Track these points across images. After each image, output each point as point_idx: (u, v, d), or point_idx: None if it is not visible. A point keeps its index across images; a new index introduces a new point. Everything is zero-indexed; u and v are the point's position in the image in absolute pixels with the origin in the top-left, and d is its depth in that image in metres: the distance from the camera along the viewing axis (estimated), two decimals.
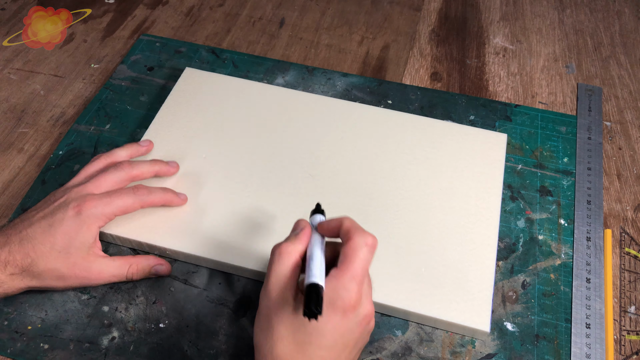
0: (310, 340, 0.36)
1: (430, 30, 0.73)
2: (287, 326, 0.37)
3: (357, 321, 0.37)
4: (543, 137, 0.60)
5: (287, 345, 0.36)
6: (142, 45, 0.69)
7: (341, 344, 0.37)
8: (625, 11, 0.76)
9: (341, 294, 0.36)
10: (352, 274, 0.36)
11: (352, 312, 0.36)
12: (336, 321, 0.36)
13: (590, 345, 0.46)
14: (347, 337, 0.37)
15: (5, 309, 0.47)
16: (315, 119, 0.58)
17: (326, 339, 0.36)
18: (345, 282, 0.36)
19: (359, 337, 0.38)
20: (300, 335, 0.36)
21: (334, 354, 0.37)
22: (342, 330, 0.37)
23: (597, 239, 0.52)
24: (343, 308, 0.36)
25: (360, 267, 0.37)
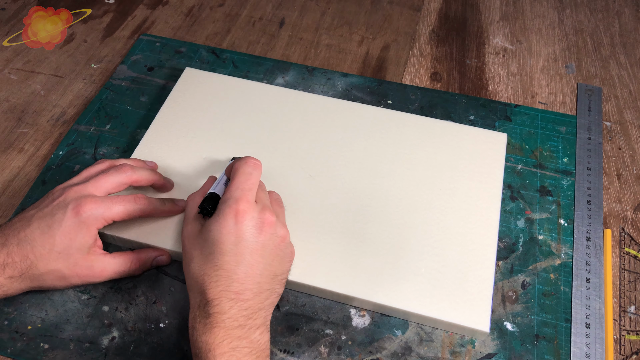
0: (213, 250, 0.40)
1: (430, 30, 0.73)
2: (195, 246, 0.42)
3: (253, 225, 0.41)
4: (543, 137, 0.60)
5: (197, 262, 0.41)
6: (142, 45, 0.69)
7: (244, 247, 0.40)
8: (625, 11, 0.76)
9: (228, 202, 0.42)
10: (236, 185, 0.43)
11: (244, 216, 0.41)
12: (230, 226, 0.41)
13: (590, 345, 0.46)
14: (247, 240, 0.41)
15: (5, 309, 0.47)
16: (315, 119, 0.58)
17: (224, 244, 0.40)
18: (232, 192, 0.42)
19: (264, 241, 0.41)
20: (205, 249, 0.41)
21: (239, 258, 0.40)
22: (239, 234, 0.41)
23: (597, 239, 0.52)
24: (233, 213, 0.41)
25: (242, 179, 0.43)
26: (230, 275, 0.40)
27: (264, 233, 0.42)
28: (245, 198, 0.42)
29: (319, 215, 0.51)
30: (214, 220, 0.41)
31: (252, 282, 0.40)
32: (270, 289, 0.42)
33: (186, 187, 0.53)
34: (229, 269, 0.40)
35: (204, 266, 0.40)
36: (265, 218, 0.42)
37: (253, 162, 0.45)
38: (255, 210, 0.42)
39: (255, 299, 0.40)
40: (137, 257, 0.48)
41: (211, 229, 0.41)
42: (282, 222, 0.45)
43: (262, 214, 0.42)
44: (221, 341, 0.38)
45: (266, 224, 0.42)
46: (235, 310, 0.39)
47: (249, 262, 0.40)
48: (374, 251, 0.49)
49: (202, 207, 0.44)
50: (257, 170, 0.45)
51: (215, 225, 0.41)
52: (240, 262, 0.40)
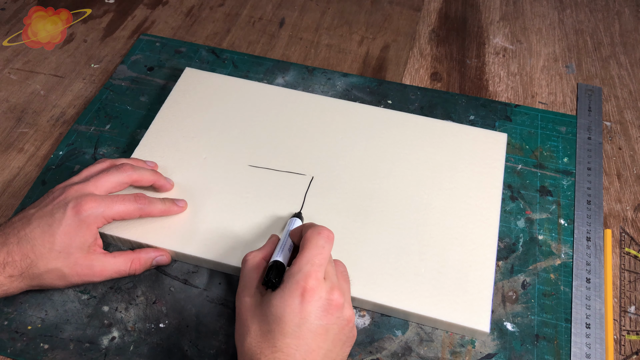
0: (273, 328, 0.37)
1: (430, 30, 0.73)
2: (255, 319, 0.38)
3: (320, 306, 0.37)
4: (543, 137, 0.60)
5: (254, 338, 0.38)
6: (142, 45, 0.69)
7: (307, 330, 0.37)
8: (625, 11, 0.76)
9: (296, 278, 0.38)
10: (307, 259, 0.39)
11: (312, 295, 0.37)
12: (295, 305, 0.37)
13: (590, 345, 0.46)
14: (312, 324, 0.37)
15: (5, 309, 0.47)
16: (315, 119, 0.58)
17: (287, 325, 0.37)
18: (301, 266, 0.38)
19: (328, 325, 0.38)
20: (264, 325, 0.37)
21: (301, 341, 0.37)
22: (304, 315, 0.37)
23: (597, 239, 0.52)
24: (300, 291, 0.37)
25: (314, 254, 0.39)
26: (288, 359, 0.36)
27: (329, 315, 0.38)
28: (315, 275, 0.38)
29: (318, 215, 0.51)
30: (279, 295, 0.38)
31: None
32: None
33: (186, 187, 0.53)
34: (288, 352, 0.36)
35: (262, 344, 0.37)
36: (333, 299, 0.38)
37: (327, 234, 0.41)
38: (323, 290, 0.38)
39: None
40: (137, 257, 0.48)
41: (274, 304, 0.37)
42: (348, 302, 0.40)
43: (331, 294, 0.38)
44: None
45: (333, 305, 0.38)
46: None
47: (311, 347, 0.37)
48: (374, 251, 0.49)
49: (266, 279, 0.40)
50: (329, 243, 0.40)
51: (279, 301, 0.37)
52: (301, 347, 0.37)
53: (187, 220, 0.51)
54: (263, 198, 0.52)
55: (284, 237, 0.45)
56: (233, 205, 0.52)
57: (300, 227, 0.43)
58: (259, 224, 0.50)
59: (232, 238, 0.49)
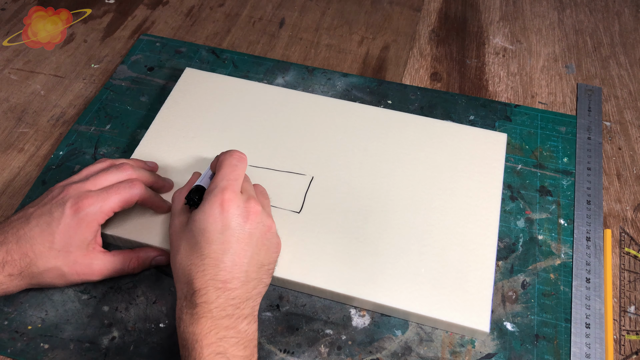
0: (199, 239, 0.40)
1: (430, 30, 0.73)
2: (182, 238, 0.42)
3: (239, 213, 0.41)
4: (543, 137, 0.60)
5: (183, 253, 0.41)
6: (142, 46, 0.69)
7: (230, 235, 0.40)
8: (625, 11, 0.76)
9: (214, 192, 0.42)
10: (222, 176, 0.43)
11: (230, 204, 0.41)
12: (215, 215, 0.41)
13: (590, 345, 0.46)
14: (234, 229, 0.41)
15: (5, 308, 0.47)
16: (315, 119, 0.58)
17: (211, 233, 0.40)
18: (217, 183, 0.43)
19: (250, 230, 0.41)
20: (191, 240, 0.41)
21: (225, 246, 0.40)
22: (225, 222, 0.41)
23: (597, 239, 0.52)
24: (218, 202, 0.41)
25: (227, 171, 0.43)
26: (217, 264, 0.39)
27: (250, 222, 0.42)
28: (231, 188, 0.42)
29: (318, 215, 0.51)
30: (200, 210, 0.42)
31: (239, 271, 0.40)
32: (258, 278, 0.42)
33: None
34: (216, 257, 0.40)
35: (191, 256, 0.40)
36: (251, 207, 0.42)
37: (238, 155, 0.45)
38: (240, 200, 0.42)
39: (242, 288, 0.40)
40: (136, 256, 0.48)
41: (197, 218, 0.41)
42: (267, 213, 0.44)
43: (248, 204, 0.42)
44: (208, 331, 0.37)
45: (252, 212, 0.42)
46: (222, 300, 0.39)
47: (236, 250, 0.40)
48: (374, 251, 0.49)
49: (188, 198, 0.45)
50: (242, 162, 0.45)
51: (201, 215, 0.41)
52: (227, 251, 0.40)
53: None
54: None
55: (207, 171, 0.48)
56: None
57: (216, 157, 0.47)
58: None
59: None
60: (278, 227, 0.50)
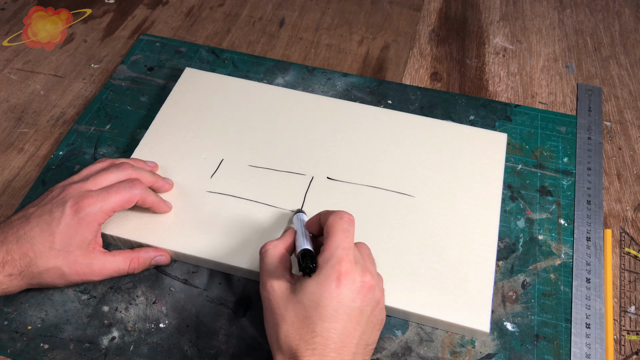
0: (311, 314, 0.37)
1: (430, 30, 0.73)
2: (288, 307, 0.38)
3: (354, 289, 0.38)
4: (543, 137, 0.60)
5: (290, 326, 0.37)
6: (142, 45, 0.69)
7: (343, 313, 0.37)
8: (625, 11, 0.76)
9: (331, 263, 0.38)
10: (337, 244, 0.39)
11: (346, 279, 0.37)
12: (331, 290, 0.37)
13: (590, 345, 0.46)
14: (348, 307, 0.37)
15: (5, 309, 0.47)
16: (315, 119, 0.58)
17: (325, 309, 0.37)
18: (332, 251, 0.38)
19: (362, 306, 0.38)
20: (300, 312, 0.37)
21: (338, 325, 0.37)
22: (340, 298, 0.37)
23: (597, 239, 0.52)
24: (335, 275, 0.37)
25: (341, 238, 0.39)
26: (327, 343, 0.36)
27: (362, 297, 0.38)
28: (348, 258, 0.38)
29: None
30: (315, 281, 0.38)
31: (347, 353, 0.37)
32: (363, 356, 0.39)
33: (186, 187, 0.53)
34: (327, 336, 0.37)
35: (300, 330, 0.37)
36: (366, 281, 0.38)
37: (348, 217, 0.41)
38: (356, 273, 0.38)
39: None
40: (136, 256, 0.48)
41: (311, 290, 0.38)
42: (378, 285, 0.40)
43: (364, 277, 0.38)
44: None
45: (366, 287, 0.38)
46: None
47: (347, 330, 0.37)
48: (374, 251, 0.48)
49: (304, 265, 0.39)
50: (352, 226, 0.41)
51: (315, 287, 0.37)
52: (339, 330, 0.37)
53: (187, 220, 0.51)
54: (263, 198, 0.52)
55: (301, 228, 0.44)
56: (233, 205, 0.52)
57: (317, 217, 0.43)
58: (259, 224, 0.50)
59: (232, 238, 0.49)
60: (278, 227, 0.50)
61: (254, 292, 0.49)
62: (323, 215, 0.42)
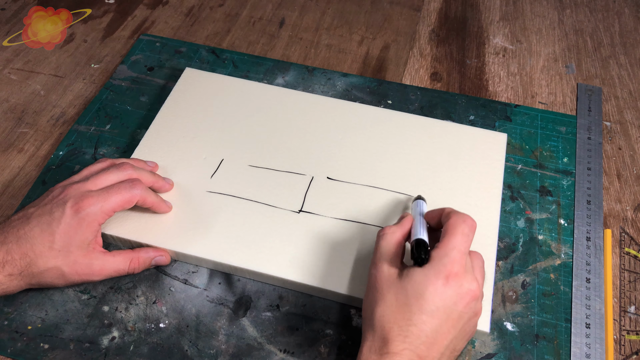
0: (412, 302, 0.38)
1: (430, 30, 0.73)
2: (391, 290, 0.39)
3: (460, 292, 0.38)
4: (543, 137, 0.60)
5: (388, 307, 0.38)
6: (142, 45, 0.69)
7: (443, 312, 0.38)
8: (625, 11, 0.76)
9: (443, 261, 0.39)
10: (453, 244, 0.39)
11: (455, 281, 0.38)
12: (437, 286, 0.38)
13: (590, 345, 0.46)
14: (449, 307, 0.38)
15: (5, 309, 0.47)
16: (315, 119, 0.58)
17: (427, 302, 0.38)
18: (448, 251, 0.39)
19: (462, 311, 0.38)
20: (402, 298, 0.38)
21: (435, 321, 0.37)
22: (444, 297, 0.38)
23: (597, 239, 0.52)
24: (445, 274, 0.38)
25: (460, 240, 0.40)
26: (420, 336, 0.37)
27: (465, 304, 0.38)
28: (461, 262, 0.39)
29: (319, 215, 0.51)
30: (423, 272, 0.39)
31: (436, 351, 0.38)
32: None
33: (186, 187, 0.53)
34: (422, 328, 0.37)
35: (397, 315, 0.38)
36: (472, 289, 0.39)
37: (471, 223, 0.41)
38: (465, 279, 0.39)
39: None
40: (136, 256, 0.48)
41: (417, 279, 0.38)
42: (481, 296, 0.41)
43: (471, 285, 0.39)
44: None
45: (471, 295, 0.39)
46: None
47: (442, 330, 0.38)
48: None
49: (417, 255, 0.40)
50: (473, 232, 0.41)
51: (423, 279, 0.38)
52: (434, 326, 0.37)
53: (187, 220, 0.51)
54: (263, 198, 0.52)
55: (419, 217, 0.45)
56: (233, 205, 0.52)
57: (439, 211, 0.44)
58: (259, 224, 0.50)
59: (232, 238, 0.49)
60: (278, 227, 0.50)
61: (254, 292, 0.49)
62: (447, 212, 0.43)
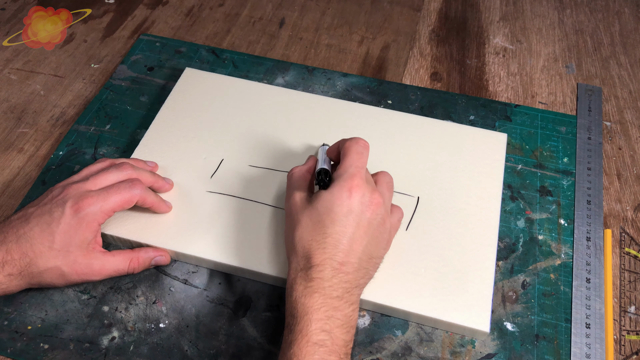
0: (324, 218, 0.42)
1: (430, 30, 0.73)
2: (304, 212, 0.43)
3: (364, 201, 0.42)
4: (543, 137, 0.60)
5: (305, 228, 0.43)
6: (142, 45, 0.69)
7: (352, 220, 0.42)
8: (625, 11, 0.76)
9: (344, 176, 0.43)
10: (350, 162, 0.44)
11: (357, 191, 0.42)
12: (343, 199, 0.42)
13: (590, 345, 0.46)
14: (357, 215, 0.42)
15: (5, 309, 0.47)
16: (315, 119, 0.58)
17: (337, 214, 0.42)
18: (346, 168, 0.44)
19: (370, 218, 0.42)
20: (315, 217, 0.42)
21: (347, 230, 0.41)
22: (351, 207, 0.42)
23: (597, 239, 0.52)
24: (347, 187, 0.42)
25: (355, 158, 0.44)
26: (337, 245, 0.41)
27: (371, 211, 0.42)
28: (360, 175, 0.43)
29: None
30: (329, 191, 0.43)
31: (354, 257, 0.41)
32: (366, 268, 0.43)
33: (186, 187, 0.53)
34: (337, 238, 0.41)
35: (313, 232, 0.42)
36: (374, 197, 0.43)
37: (363, 142, 0.46)
38: (366, 189, 0.43)
39: (354, 274, 0.41)
40: (136, 256, 0.48)
41: (325, 198, 0.43)
42: (387, 206, 0.45)
43: (373, 194, 0.43)
44: (319, 307, 0.39)
45: (374, 203, 0.43)
46: (336, 280, 0.40)
47: (355, 236, 0.42)
48: None
49: (319, 179, 0.45)
50: (366, 150, 0.46)
51: (329, 196, 0.42)
52: (347, 234, 0.41)
53: (187, 220, 0.51)
54: (263, 198, 0.52)
55: (322, 155, 0.49)
56: (233, 205, 0.52)
57: (336, 144, 0.48)
58: (259, 224, 0.50)
59: (232, 238, 0.49)
60: (278, 227, 0.50)
61: (254, 292, 0.49)
62: (341, 141, 0.47)
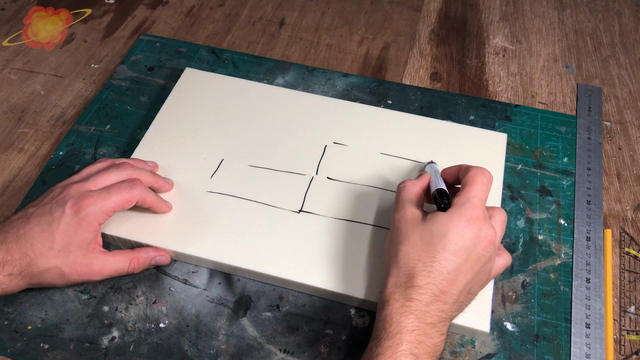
0: (435, 242, 0.41)
1: (430, 30, 0.73)
2: (416, 230, 0.42)
3: (479, 236, 0.41)
4: (543, 137, 0.60)
5: (413, 246, 0.41)
6: (142, 45, 0.69)
7: (463, 252, 0.40)
8: (625, 11, 0.76)
9: (465, 205, 0.41)
10: (474, 192, 0.42)
11: (475, 224, 0.41)
12: (460, 227, 0.40)
13: (590, 345, 0.46)
14: (469, 248, 0.40)
15: (5, 309, 0.47)
16: (315, 119, 0.58)
17: (450, 242, 0.40)
18: (469, 197, 0.42)
19: (480, 253, 0.41)
20: (426, 238, 0.41)
21: (457, 260, 0.40)
22: (465, 238, 0.40)
23: (597, 239, 0.52)
24: (467, 217, 0.41)
25: (480, 189, 0.43)
26: (442, 272, 0.40)
27: (482, 247, 0.41)
28: (481, 208, 0.42)
29: (319, 215, 0.51)
30: (447, 215, 0.41)
31: (456, 288, 0.40)
32: (462, 302, 0.41)
33: (186, 187, 0.53)
34: (444, 266, 0.40)
35: (421, 252, 0.41)
36: (489, 234, 0.41)
37: (489, 175, 0.44)
38: (485, 223, 0.41)
39: (451, 306, 0.40)
40: (136, 256, 0.48)
41: (441, 222, 0.41)
42: (496, 245, 0.43)
43: (489, 230, 0.41)
44: (413, 329, 0.38)
45: (487, 239, 0.41)
46: (434, 307, 0.39)
47: (462, 267, 0.40)
48: (374, 251, 0.49)
49: (440, 199, 0.44)
50: (490, 184, 0.44)
51: (446, 220, 0.41)
52: (455, 264, 0.40)
53: (187, 220, 0.51)
54: (263, 198, 0.52)
55: (436, 174, 0.48)
56: (233, 205, 0.52)
57: (457, 167, 0.47)
58: (259, 224, 0.50)
59: (232, 238, 0.49)
60: (278, 227, 0.50)
61: (254, 292, 0.49)
62: (465, 167, 0.46)
